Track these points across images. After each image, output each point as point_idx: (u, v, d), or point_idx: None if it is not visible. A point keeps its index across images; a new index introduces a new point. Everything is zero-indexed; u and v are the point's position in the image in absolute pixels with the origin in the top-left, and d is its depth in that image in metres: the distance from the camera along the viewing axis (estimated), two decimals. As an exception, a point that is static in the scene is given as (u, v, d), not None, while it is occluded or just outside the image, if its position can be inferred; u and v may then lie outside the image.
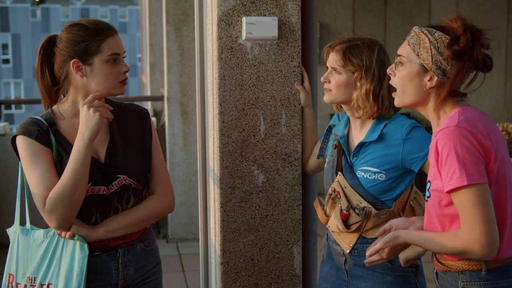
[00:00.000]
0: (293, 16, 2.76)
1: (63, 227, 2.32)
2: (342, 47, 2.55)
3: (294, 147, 2.81)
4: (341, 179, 2.55)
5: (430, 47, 2.06)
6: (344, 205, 2.53)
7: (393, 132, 2.49)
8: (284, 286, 2.85)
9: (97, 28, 2.36)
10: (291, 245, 2.85)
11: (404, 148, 2.45)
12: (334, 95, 2.57)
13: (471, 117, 2.03)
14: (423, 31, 2.10)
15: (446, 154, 1.96)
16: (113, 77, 2.37)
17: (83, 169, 2.28)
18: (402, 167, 2.48)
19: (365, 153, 2.52)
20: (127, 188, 2.41)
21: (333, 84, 2.56)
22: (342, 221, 2.53)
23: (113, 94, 2.41)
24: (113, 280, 2.43)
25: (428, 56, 2.07)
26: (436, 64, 2.06)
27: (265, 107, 2.78)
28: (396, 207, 2.51)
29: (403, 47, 2.15)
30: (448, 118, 2.04)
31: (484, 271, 2.04)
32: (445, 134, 1.98)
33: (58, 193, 2.27)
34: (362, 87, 2.52)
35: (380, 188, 2.49)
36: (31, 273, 2.36)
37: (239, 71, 2.75)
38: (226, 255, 2.80)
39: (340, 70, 2.54)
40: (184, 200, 6.37)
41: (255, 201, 2.80)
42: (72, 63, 2.35)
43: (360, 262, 2.55)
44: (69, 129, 2.40)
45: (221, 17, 2.72)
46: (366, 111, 2.51)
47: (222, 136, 2.76)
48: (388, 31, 8.09)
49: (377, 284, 2.53)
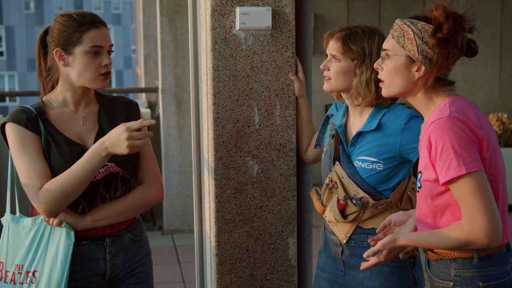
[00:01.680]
0: (287, 6, 2.75)
1: (51, 215, 2.35)
2: (342, 34, 2.55)
3: (288, 138, 2.81)
4: (339, 168, 2.55)
5: (414, 38, 2.08)
6: (341, 195, 2.53)
7: (392, 122, 2.49)
8: (279, 277, 2.85)
9: (83, 19, 2.38)
10: (286, 236, 2.85)
11: (402, 138, 2.45)
12: (334, 83, 2.57)
13: (461, 107, 2.04)
14: (405, 23, 2.12)
15: (441, 146, 1.97)
16: (93, 69, 2.38)
17: (88, 177, 2.31)
18: (400, 157, 2.47)
19: (362, 142, 2.52)
20: (114, 176, 2.43)
21: (332, 72, 2.56)
22: (339, 211, 2.53)
23: (93, 87, 2.43)
24: (101, 270, 2.44)
25: (414, 46, 2.08)
26: (422, 53, 2.07)
27: (259, 98, 2.77)
28: (393, 197, 2.51)
29: (387, 40, 2.17)
30: (439, 110, 2.05)
31: (476, 258, 2.05)
32: (438, 126, 1.99)
33: (55, 188, 2.29)
34: (361, 75, 2.51)
35: (377, 178, 2.49)
36: (19, 260, 2.38)
37: (233, 61, 2.74)
38: (221, 246, 2.80)
39: (339, 57, 2.54)
40: (179, 191, 6.37)
41: (250, 192, 2.80)
42: (55, 51, 2.39)
43: (357, 252, 2.55)
44: (58, 118, 2.43)
45: (215, 8, 2.71)
46: (366, 98, 2.51)
47: (216, 127, 2.75)
48: (383, 22, 8.08)
49: (374, 275, 2.53)
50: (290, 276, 2.87)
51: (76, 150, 2.38)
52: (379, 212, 2.51)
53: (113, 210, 2.42)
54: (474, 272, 2.06)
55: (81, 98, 2.46)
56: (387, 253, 2.16)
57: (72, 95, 2.44)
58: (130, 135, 2.23)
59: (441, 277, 2.12)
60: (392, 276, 2.52)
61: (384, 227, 2.26)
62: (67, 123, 2.43)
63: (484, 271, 2.06)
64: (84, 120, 2.46)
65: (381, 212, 2.51)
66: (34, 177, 2.31)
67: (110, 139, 2.27)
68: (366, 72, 2.50)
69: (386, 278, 2.52)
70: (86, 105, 2.48)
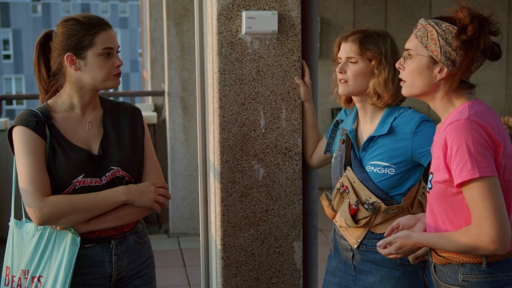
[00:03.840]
0: (293, 10, 2.75)
1: (43, 224, 2.36)
2: (358, 36, 2.55)
3: (294, 142, 2.81)
4: (350, 173, 2.55)
5: (438, 39, 2.05)
6: (353, 199, 2.52)
7: (403, 126, 2.48)
8: (284, 281, 2.86)
9: (91, 22, 2.39)
10: (292, 240, 2.85)
11: (414, 142, 2.45)
12: (352, 85, 2.56)
13: (480, 111, 2.03)
14: (430, 23, 2.09)
15: (457, 148, 1.96)
16: (106, 71, 2.41)
17: (94, 213, 2.38)
18: (412, 161, 2.47)
19: (374, 147, 2.52)
20: (120, 180, 2.44)
21: (350, 74, 2.55)
22: (351, 215, 2.53)
23: (107, 88, 2.46)
24: (107, 273, 2.44)
25: (437, 47, 2.06)
26: (445, 55, 2.05)
27: (265, 102, 2.77)
28: (405, 202, 2.51)
29: (410, 40, 2.14)
30: (457, 112, 2.03)
31: (484, 264, 2.04)
32: (455, 127, 1.98)
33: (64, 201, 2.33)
34: (380, 74, 2.52)
35: (389, 182, 2.49)
36: (24, 265, 2.39)
37: (239, 65, 2.74)
38: (226, 250, 2.81)
39: (356, 59, 2.53)
40: (185, 195, 6.37)
41: (256, 196, 2.80)
42: (66, 56, 2.39)
43: (367, 257, 2.55)
44: (64, 122, 2.44)
45: (221, 12, 2.71)
46: (383, 98, 2.52)
47: (222, 131, 2.75)
48: (389, 25, 8.07)
49: (385, 279, 2.53)
50: (296, 280, 2.87)
51: (82, 155, 2.39)
52: (391, 217, 2.50)
53: (116, 212, 2.43)
54: (482, 278, 2.05)
55: (88, 102, 2.47)
56: (398, 247, 2.16)
57: (79, 99, 2.45)
58: (154, 192, 2.45)
59: (449, 282, 2.10)
60: (403, 281, 2.52)
61: (392, 230, 2.26)
62: (73, 128, 2.44)
63: (492, 277, 2.05)
64: (89, 125, 2.47)
65: (392, 217, 2.50)
66: (39, 184, 2.31)
67: (138, 190, 2.43)
68: (384, 71, 2.51)
69: (397, 282, 2.52)
70: (92, 110, 2.49)
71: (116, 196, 2.39)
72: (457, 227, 2.05)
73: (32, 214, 2.32)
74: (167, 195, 2.50)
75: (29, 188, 2.31)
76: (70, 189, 2.37)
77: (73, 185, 2.37)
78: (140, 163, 2.52)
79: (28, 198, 2.32)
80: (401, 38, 2.18)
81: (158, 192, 2.46)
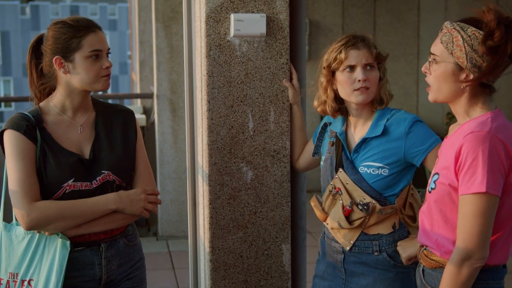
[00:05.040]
0: (282, 13, 2.76)
1: (31, 229, 2.35)
2: (369, 43, 2.54)
3: (282, 144, 2.82)
4: (342, 175, 2.55)
5: (463, 45, 2.00)
6: (346, 201, 2.53)
7: (396, 126, 2.50)
8: (273, 283, 2.86)
9: (78, 25, 2.39)
10: (280, 242, 2.85)
11: (407, 142, 2.46)
12: (372, 92, 2.53)
13: (502, 125, 2.01)
14: (455, 28, 2.03)
15: (472, 159, 1.95)
16: (94, 73, 2.40)
17: (82, 220, 2.37)
18: (405, 161, 2.48)
19: (367, 148, 2.52)
20: (110, 184, 2.44)
21: (371, 81, 2.52)
22: (345, 217, 2.53)
23: (96, 90, 2.45)
24: (97, 276, 2.44)
25: (463, 54, 2.00)
26: (471, 61, 2.00)
27: (253, 104, 2.78)
28: (398, 203, 2.52)
29: (436, 44, 2.09)
30: (480, 123, 2.01)
31: None
32: (475, 138, 1.96)
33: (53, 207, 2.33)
34: (384, 79, 2.58)
35: (383, 183, 2.50)
36: (13, 269, 2.38)
37: (227, 68, 2.75)
38: (215, 252, 2.81)
39: (373, 65, 2.53)
40: (174, 197, 6.36)
41: (244, 198, 2.80)
42: (54, 59, 2.39)
43: (360, 259, 2.55)
44: (56, 126, 2.43)
45: (209, 14, 2.72)
46: (385, 102, 2.56)
47: (210, 133, 2.76)
48: (378, 28, 8.10)
49: (378, 281, 2.53)
50: (284, 282, 2.87)
51: (72, 159, 2.39)
52: (384, 217, 2.51)
53: (106, 217, 2.42)
54: (475, 284, 2.05)
55: (79, 105, 2.47)
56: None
57: (71, 102, 2.45)
58: (146, 198, 2.45)
59: (437, 286, 2.11)
60: (396, 282, 2.53)
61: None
62: (65, 131, 2.44)
63: (483, 284, 2.07)
64: (81, 128, 2.46)
65: (386, 217, 2.51)
66: (28, 188, 2.31)
67: (128, 198, 2.41)
68: (385, 74, 2.59)
69: (390, 284, 2.53)
70: (84, 112, 2.49)
71: (105, 204, 2.39)
72: (450, 229, 2.07)
73: (20, 218, 2.32)
74: (158, 201, 2.50)
75: (18, 192, 2.31)
76: (60, 193, 2.36)
77: (63, 189, 2.36)
78: (132, 167, 2.52)
79: (17, 202, 2.32)
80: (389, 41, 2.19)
81: (148, 200, 2.46)
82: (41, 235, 2.37)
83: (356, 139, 2.58)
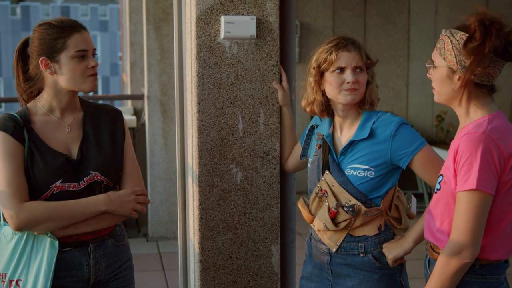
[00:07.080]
0: (271, 15, 2.77)
1: (20, 230, 2.36)
2: (359, 45, 2.56)
3: (272, 146, 2.83)
4: (329, 177, 2.56)
5: (453, 49, 2.13)
6: (332, 203, 2.54)
7: (382, 129, 2.51)
8: (262, 284, 2.87)
9: (63, 25, 2.40)
10: (270, 243, 2.86)
11: (393, 144, 2.48)
12: (360, 94, 2.55)
13: (499, 126, 2.10)
14: (447, 34, 2.17)
15: (465, 158, 2.05)
16: (80, 73, 2.41)
17: (71, 221, 2.37)
18: (391, 164, 2.50)
19: (353, 151, 2.54)
20: (98, 185, 2.44)
21: (361, 82, 2.54)
22: (331, 219, 2.55)
23: (83, 90, 2.46)
24: (85, 276, 2.45)
25: (453, 57, 2.13)
26: (460, 64, 2.12)
27: (243, 106, 2.79)
28: (383, 205, 2.54)
29: (434, 51, 2.23)
30: (476, 125, 2.11)
31: (477, 265, 2.14)
32: (470, 139, 2.06)
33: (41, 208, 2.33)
34: (373, 82, 2.60)
35: (369, 185, 2.51)
36: (1, 269, 2.38)
37: (217, 69, 2.76)
38: (204, 253, 2.81)
39: (363, 67, 2.55)
40: (165, 199, 6.36)
41: (234, 199, 2.82)
42: (40, 61, 2.40)
43: (346, 260, 2.57)
44: (44, 126, 2.44)
45: (200, 16, 2.73)
46: (374, 105, 2.58)
47: (200, 135, 2.77)
48: (368, 31, 8.12)
49: (363, 283, 2.55)
50: (273, 283, 2.88)
51: (60, 160, 2.39)
52: (370, 219, 2.53)
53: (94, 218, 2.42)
54: (473, 278, 2.15)
55: (67, 105, 2.47)
56: None
57: (58, 102, 2.45)
58: (136, 198, 2.45)
59: None
60: (381, 284, 2.54)
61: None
62: (53, 131, 2.44)
63: (483, 278, 2.15)
64: (69, 128, 2.47)
65: (371, 219, 2.53)
66: (16, 189, 2.32)
67: (118, 200, 2.42)
68: (374, 77, 2.61)
69: (376, 285, 2.54)
70: (72, 112, 2.49)
71: (95, 206, 2.39)
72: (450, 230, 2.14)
73: (9, 219, 2.32)
74: (146, 201, 2.50)
75: (6, 193, 2.31)
76: (48, 194, 2.37)
77: (51, 190, 2.37)
78: (120, 167, 2.52)
79: (5, 203, 2.32)
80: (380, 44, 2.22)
81: (138, 200, 2.47)
82: (30, 235, 2.38)
83: (343, 142, 2.59)
